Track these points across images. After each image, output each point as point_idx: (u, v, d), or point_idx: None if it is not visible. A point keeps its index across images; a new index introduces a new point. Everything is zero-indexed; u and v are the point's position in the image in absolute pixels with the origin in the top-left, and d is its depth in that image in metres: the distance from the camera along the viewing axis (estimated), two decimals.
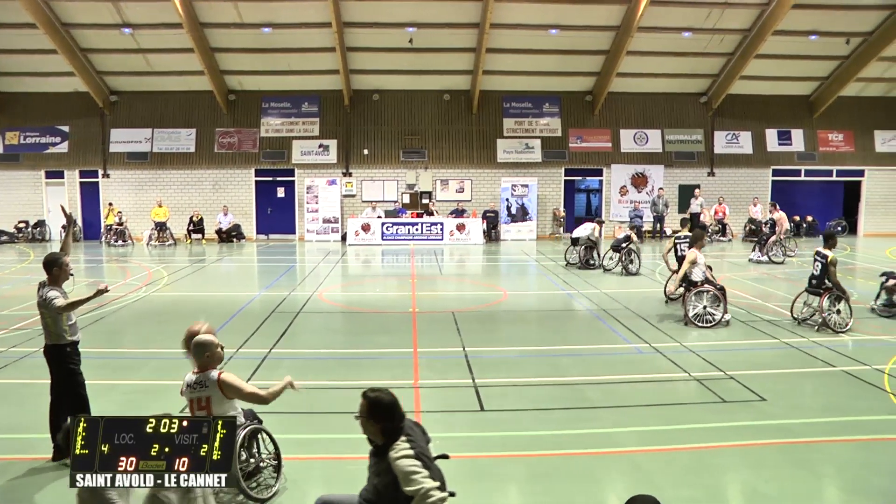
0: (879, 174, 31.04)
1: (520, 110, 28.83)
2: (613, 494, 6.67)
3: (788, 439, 7.90)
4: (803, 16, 25.26)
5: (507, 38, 25.37)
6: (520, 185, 27.84)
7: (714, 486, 6.90)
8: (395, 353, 11.33)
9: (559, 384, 9.79)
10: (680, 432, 8.05)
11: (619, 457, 7.49)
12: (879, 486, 6.90)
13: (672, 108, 29.75)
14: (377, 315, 14.33)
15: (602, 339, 12.42)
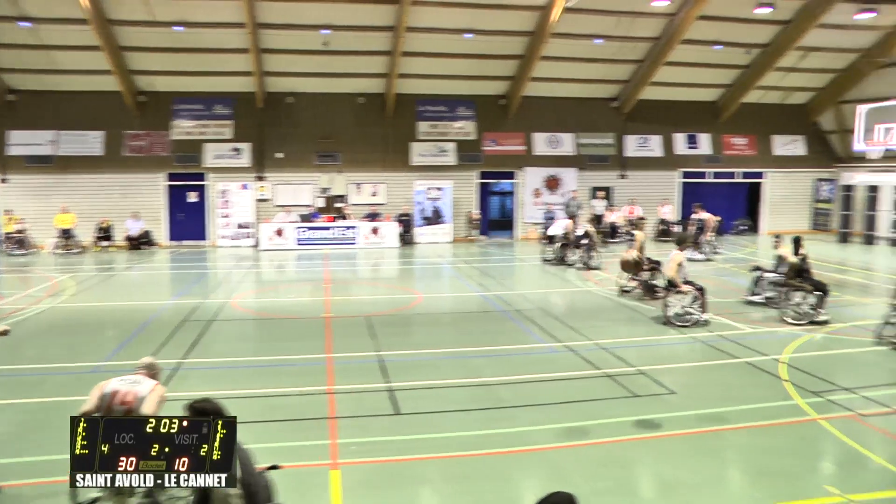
0: (778, 176, 32.50)
1: (434, 114, 28.97)
2: (529, 492, 6.80)
3: (695, 429, 8.25)
4: (708, 26, 26.20)
5: (423, 41, 25.47)
6: (434, 189, 27.95)
7: (626, 477, 7.15)
8: (309, 359, 11.26)
9: (474, 385, 9.91)
10: (593, 428, 8.29)
11: (534, 454, 7.65)
12: (779, 467, 7.33)
13: (584, 112, 30.40)
14: (291, 321, 14.21)
15: (516, 339, 12.64)
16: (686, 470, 7.24)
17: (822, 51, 28.31)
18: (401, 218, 27.68)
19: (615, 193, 30.20)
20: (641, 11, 24.92)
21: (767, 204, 32.51)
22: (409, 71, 26.88)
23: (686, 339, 12.52)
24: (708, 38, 26.95)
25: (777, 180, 32.49)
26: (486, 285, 18.23)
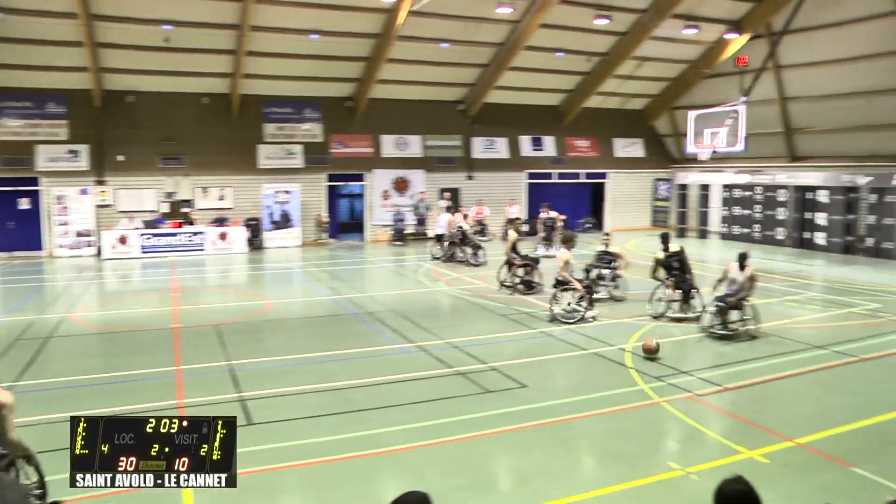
0: (619, 176, 34.18)
1: (281, 115, 28.32)
2: (387, 494, 6.65)
3: (546, 420, 8.45)
4: (550, 34, 27.10)
5: (268, 41, 24.79)
6: (282, 192, 27.35)
7: (481, 472, 7.20)
8: (156, 372, 10.65)
9: (327, 390, 9.73)
10: (447, 425, 8.31)
11: (389, 456, 7.58)
12: (627, 449, 7.64)
13: (432, 114, 30.71)
14: (137, 334, 13.41)
15: (368, 341, 12.53)
16: (539, 460, 7.39)
17: (655, 61, 30.05)
18: (249, 222, 26.90)
19: (463, 194, 30.68)
20: (486, 17, 25.42)
21: (610, 202, 34.09)
22: (254, 71, 26.15)
23: (535, 334, 12.84)
24: (550, 45, 27.90)
25: (619, 180, 34.16)
26: (336, 289, 18.01)
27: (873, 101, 25.78)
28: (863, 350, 11.54)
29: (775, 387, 9.77)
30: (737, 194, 29.52)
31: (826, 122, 27.88)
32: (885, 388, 9.67)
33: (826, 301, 16.04)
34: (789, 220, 27.17)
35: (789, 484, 6.80)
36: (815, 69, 27.01)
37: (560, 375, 10.36)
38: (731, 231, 29.70)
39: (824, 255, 24.51)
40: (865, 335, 12.64)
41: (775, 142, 29.89)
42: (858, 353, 11.31)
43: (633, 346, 11.84)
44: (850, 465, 7.15)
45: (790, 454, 7.44)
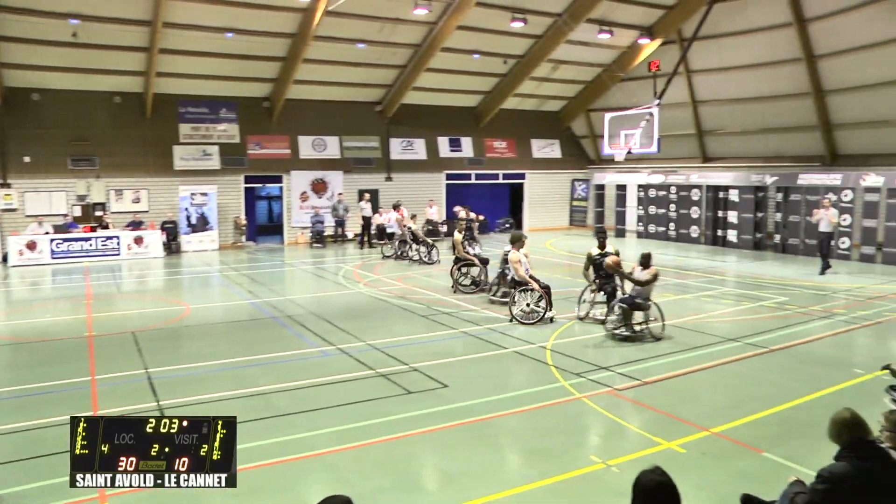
0: (537, 177, 34.71)
1: (197, 115, 27.62)
2: (309, 499, 6.62)
3: (468, 419, 8.49)
4: (467, 36, 27.31)
5: (182, 39, 24.13)
6: (199, 194, 26.73)
7: (405, 472, 7.18)
8: (70, 383, 10.21)
9: (249, 395, 9.55)
10: (370, 427, 8.26)
11: (313, 460, 7.48)
12: (549, 445, 7.74)
13: (349, 115, 30.52)
14: (48, 343, 12.84)
15: (289, 345, 12.35)
16: (463, 459, 7.41)
17: (571, 64, 30.66)
18: (166, 225, 26.19)
19: (382, 196, 30.61)
20: (403, 18, 25.43)
21: (529, 203, 34.56)
22: (168, 70, 25.45)
23: (457, 334, 12.89)
24: (467, 46, 28.13)
25: (537, 181, 34.67)
26: (256, 292, 17.71)
27: (777, 106, 26.99)
28: (772, 341, 12.02)
29: (691, 379, 10.08)
30: (652, 194, 30.34)
31: (735, 125, 28.98)
32: (791, 377, 10.08)
33: (738, 295, 16.62)
34: (703, 218, 28.05)
35: (705, 471, 7.02)
36: (724, 74, 28.06)
37: (481, 374, 10.42)
38: (647, 230, 30.49)
39: (736, 252, 25.42)
40: (774, 327, 13.15)
41: (688, 143, 30.88)
42: (768, 345, 11.77)
43: (554, 343, 12.02)
44: (761, 451, 7.43)
45: (706, 443, 7.68)
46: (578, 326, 13.28)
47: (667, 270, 20.91)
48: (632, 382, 9.85)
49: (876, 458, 4.76)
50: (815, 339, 12.30)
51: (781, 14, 24.85)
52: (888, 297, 16.27)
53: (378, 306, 15.80)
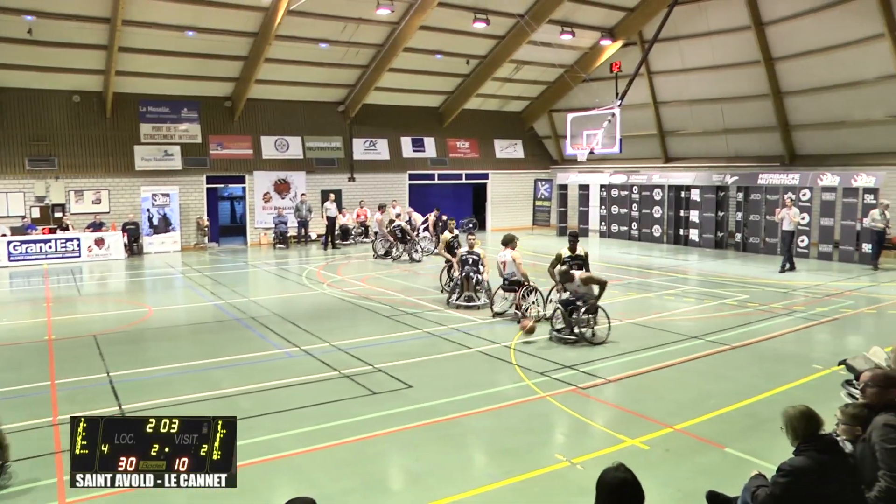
0: (500, 177, 34.87)
1: (158, 115, 27.25)
2: (275, 501, 6.59)
3: (434, 419, 8.50)
4: (430, 36, 27.36)
5: (142, 37, 23.76)
6: (161, 195, 26.39)
7: (371, 473, 7.17)
8: (28, 389, 9.99)
9: (213, 398, 9.45)
10: (335, 428, 8.23)
11: (278, 462, 7.43)
12: (514, 444, 7.79)
13: (312, 115, 30.39)
14: (6, 348, 12.54)
15: (253, 347, 12.26)
16: (428, 459, 7.42)
17: (533, 65, 30.87)
18: (127, 227, 25.79)
19: (345, 196, 30.54)
20: (366, 18, 25.36)
21: (492, 203, 34.69)
22: (128, 68, 25.08)
23: (421, 335, 12.89)
24: (430, 47, 28.19)
25: (500, 181, 34.83)
26: (219, 294, 17.54)
27: (737, 107, 27.47)
28: (734, 338, 12.21)
29: (655, 377, 10.20)
30: (614, 194, 30.60)
31: (696, 125, 29.40)
32: (752, 373, 10.25)
33: (700, 294, 16.85)
34: (665, 217, 28.39)
35: (669, 467, 7.10)
36: (685, 76, 28.48)
37: (446, 374, 10.43)
38: (609, 229, 30.76)
39: (698, 251, 25.73)
40: (736, 324, 13.35)
41: (650, 143, 31.25)
42: (730, 342, 11.95)
43: (518, 343, 12.09)
44: (723, 446, 7.55)
45: (669, 440, 7.78)
46: (542, 326, 13.34)
47: (629, 269, 21.17)
48: (596, 381, 9.94)
49: (833, 452, 4.90)
50: (775, 335, 12.51)
51: (740, 17, 25.31)
52: (845, 293, 16.62)
53: (342, 307, 15.74)
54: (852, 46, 23.06)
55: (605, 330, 12.37)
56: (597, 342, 12.09)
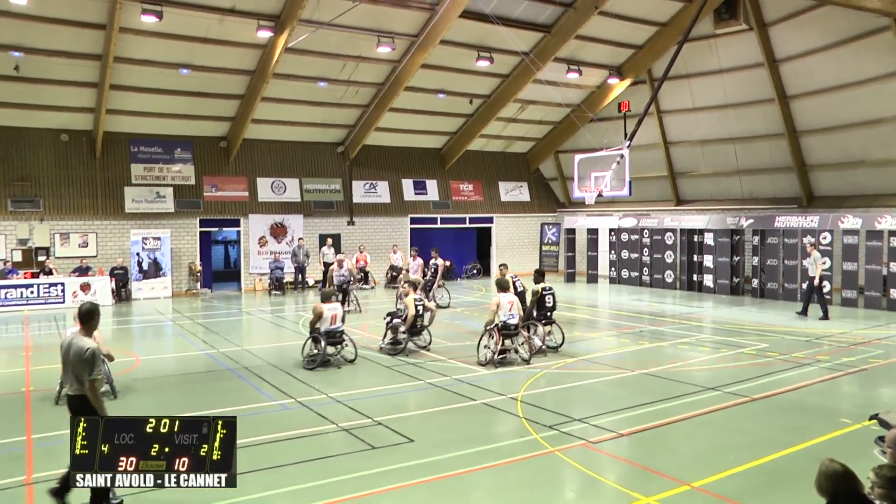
0: (505, 221, 34.94)
1: (149, 155, 27.46)
2: None
3: (436, 475, 8.35)
4: (432, 75, 27.68)
5: (135, 74, 24.04)
6: (151, 238, 26.42)
7: None
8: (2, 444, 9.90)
9: None
10: (333, 485, 8.08)
11: None
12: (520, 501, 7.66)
13: (310, 156, 30.59)
14: None
15: (245, 398, 12.13)
16: None
17: (538, 104, 31.14)
18: (115, 271, 25.76)
19: (344, 240, 30.58)
20: (366, 56, 25.67)
21: (497, 247, 34.65)
22: (119, 107, 25.32)
23: (422, 386, 12.76)
24: (432, 86, 28.47)
25: (505, 225, 34.88)
26: (211, 342, 17.43)
27: (750, 147, 27.61)
28: (753, 390, 12.05)
29: (670, 430, 10.04)
30: (624, 238, 30.59)
31: (708, 166, 29.51)
32: (773, 427, 10.09)
33: (716, 342, 16.70)
34: (677, 262, 28.34)
35: None
36: (695, 115, 28.69)
37: (449, 428, 10.29)
38: (619, 275, 30.69)
39: (713, 297, 25.62)
40: (755, 375, 13.21)
41: (660, 185, 31.35)
42: (749, 393, 11.79)
43: (524, 394, 11.94)
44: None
45: (686, 498, 7.62)
46: (549, 376, 13.21)
47: (641, 317, 21.05)
48: (607, 434, 9.79)
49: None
50: (798, 386, 12.37)
51: (752, 54, 25.57)
52: (873, 342, 16.48)
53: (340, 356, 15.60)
54: (869, 84, 23.27)
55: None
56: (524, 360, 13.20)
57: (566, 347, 15.82)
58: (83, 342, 7.28)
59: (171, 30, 22.36)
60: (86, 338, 7.39)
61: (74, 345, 7.32)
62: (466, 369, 13.98)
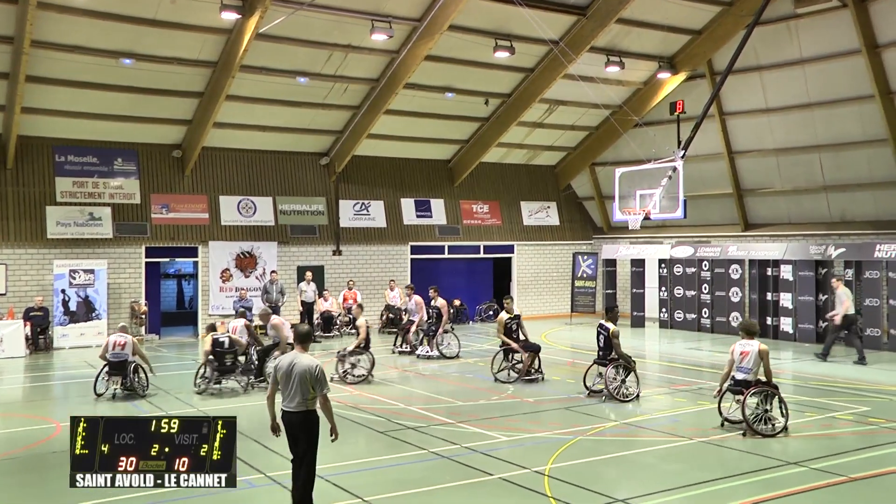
0: (529, 250, 34.80)
1: (80, 166, 27.23)
2: None
3: None
4: (438, 69, 27.71)
5: (61, 63, 23.85)
6: (82, 271, 26.20)
7: None
8: None
9: None
10: None
11: None
12: None
13: (287, 170, 30.52)
14: None
15: None
16: None
17: (571, 105, 31.18)
18: (31, 314, 25.60)
19: (328, 274, 30.52)
20: (357, 46, 25.69)
21: (518, 283, 34.44)
22: (40, 104, 25.26)
23: (426, 456, 12.56)
24: (438, 83, 28.52)
25: (528, 255, 34.78)
26: (157, 403, 17.23)
27: (841, 156, 27.43)
28: (853, 467, 11.75)
29: None
30: (678, 271, 30.40)
31: (785, 182, 29.38)
32: None
33: (800, 404, 16.34)
34: (746, 302, 28.02)
35: None
36: (768, 117, 28.60)
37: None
38: (672, 317, 30.44)
39: (793, 346, 25.28)
40: (854, 447, 12.93)
41: (724, 206, 31.21)
42: (846, 471, 11.49)
43: (553, 467, 11.68)
44: None
45: None
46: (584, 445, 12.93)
47: (700, 371, 20.77)
48: None
49: None
50: None
51: (846, 39, 25.32)
52: None
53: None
54: None
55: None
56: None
57: (604, 409, 15.64)
58: (310, 360, 9.21)
59: (107, 7, 22.33)
60: (309, 356, 9.35)
61: (300, 364, 9.09)
62: (481, 435, 13.76)
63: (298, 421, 9.02)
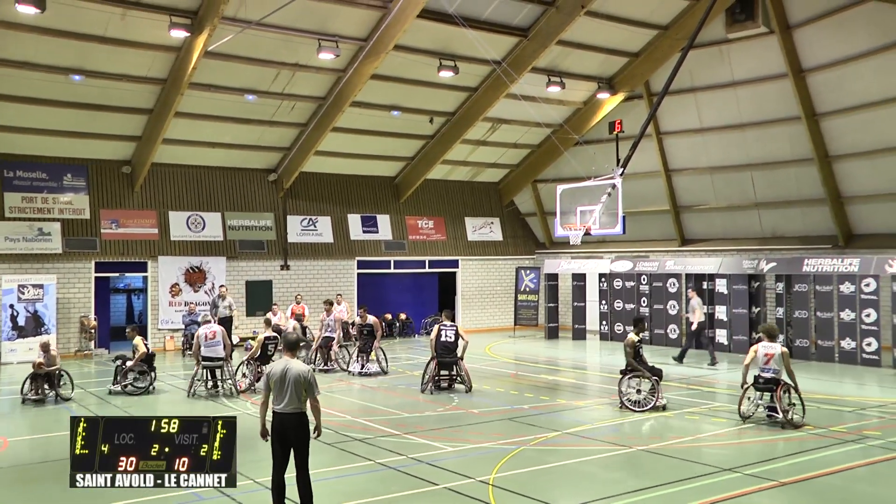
0: (473, 265, 34.86)
1: (30, 182, 26.76)
2: None
3: None
4: (384, 88, 27.71)
5: (8, 80, 23.53)
6: (31, 286, 25.75)
7: None
8: None
9: None
10: None
11: None
12: None
13: (235, 186, 30.28)
14: None
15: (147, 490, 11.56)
16: None
17: (513, 124, 31.32)
18: None
19: (276, 288, 30.34)
20: (304, 64, 25.56)
21: (463, 298, 34.44)
22: None
23: (373, 467, 12.45)
24: (384, 101, 28.52)
25: (473, 269, 34.85)
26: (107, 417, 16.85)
27: (772, 174, 27.91)
28: (782, 472, 11.89)
29: None
30: (618, 285, 30.58)
31: (719, 199, 29.77)
32: None
33: (734, 412, 16.48)
34: (683, 315, 28.24)
35: None
36: (703, 136, 29.03)
37: None
38: (612, 329, 30.62)
39: (728, 357, 25.42)
40: (785, 453, 13.14)
41: (661, 222, 31.52)
42: (777, 476, 11.61)
43: (497, 477, 11.65)
44: None
45: None
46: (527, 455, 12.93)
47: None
48: None
49: None
50: (841, 469, 12.17)
51: (774, 63, 25.86)
52: None
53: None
54: None
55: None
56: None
57: (547, 419, 15.62)
58: (302, 366, 9.53)
59: (57, 24, 21.97)
60: (300, 362, 9.71)
61: (293, 369, 9.33)
62: (426, 446, 13.72)
63: (292, 422, 9.14)
